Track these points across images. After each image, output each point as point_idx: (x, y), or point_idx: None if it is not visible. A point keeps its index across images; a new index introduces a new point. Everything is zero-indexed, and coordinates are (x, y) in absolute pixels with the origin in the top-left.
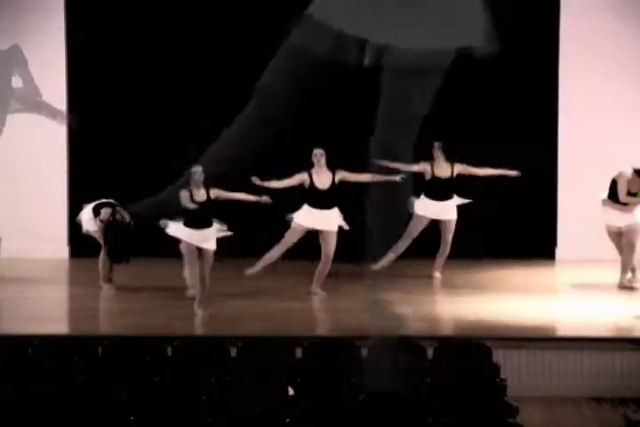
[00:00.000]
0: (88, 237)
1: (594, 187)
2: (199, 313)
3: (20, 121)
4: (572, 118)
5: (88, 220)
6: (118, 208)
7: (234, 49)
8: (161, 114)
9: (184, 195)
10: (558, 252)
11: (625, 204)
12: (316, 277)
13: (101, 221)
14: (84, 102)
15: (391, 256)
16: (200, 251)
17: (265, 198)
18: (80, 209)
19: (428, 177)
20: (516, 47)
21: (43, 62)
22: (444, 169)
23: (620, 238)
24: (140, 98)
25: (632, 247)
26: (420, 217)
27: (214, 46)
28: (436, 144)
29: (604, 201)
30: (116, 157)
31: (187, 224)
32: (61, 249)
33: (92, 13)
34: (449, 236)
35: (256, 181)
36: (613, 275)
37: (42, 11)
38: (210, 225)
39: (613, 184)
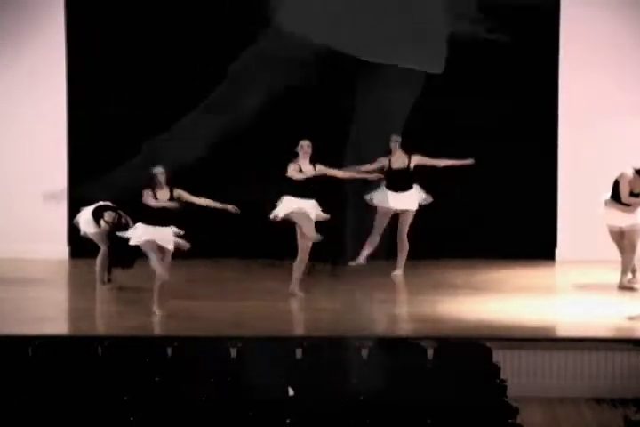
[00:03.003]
0: (87, 238)
1: (594, 187)
2: (157, 313)
3: (19, 120)
4: (572, 118)
5: (86, 222)
6: (120, 212)
7: (234, 48)
8: (161, 114)
9: (146, 194)
10: (558, 252)
11: (627, 204)
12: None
13: (106, 222)
14: (84, 102)
15: (365, 253)
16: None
17: (231, 207)
18: (78, 211)
19: (385, 169)
20: (517, 47)
21: (43, 62)
22: (400, 161)
23: (621, 239)
24: (140, 98)
25: (633, 248)
26: (382, 210)
27: (213, 45)
28: (393, 137)
29: (606, 201)
30: (117, 157)
31: (145, 222)
32: (61, 249)
33: (92, 13)
34: (404, 229)
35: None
36: (613, 275)
37: (42, 11)
38: (168, 225)
39: (616, 185)
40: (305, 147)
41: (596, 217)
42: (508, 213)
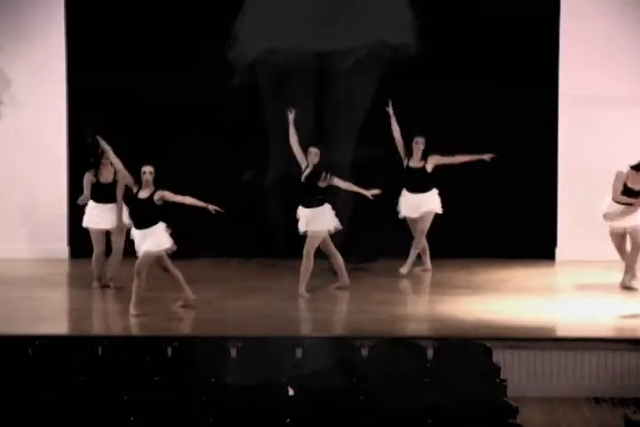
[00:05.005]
0: (88, 237)
1: (594, 187)
2: (133, 313)
3: (19, 120)
4: (572, 118)
5: (89, 217)
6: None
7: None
8: (162, 113)
9: (134, 188)
10: (558, 252)
11: (629, 203)
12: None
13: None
14: (84, 103)
15: (425, 261)
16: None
17: (212, 207)
18: (79, 209)
19: (404, 167)
20: (517, 44)
21: (43, 63)
22: (417, 161)
23: (622, 240)
24: (141, 98)
25: (638, 247)
26: (408, 219)
27: (214, 44)
28: (416, 139)
29: (609, 202)
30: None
31: (132, 224)
32: (61, 249)
33: (92, 13)
34: (422, 225)
35: (291, 112)
36: (613, 275)
37: (42, 10)
38: (151, 225)
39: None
40: (312, 154)
41: (597, 217)
42: (508, 213)
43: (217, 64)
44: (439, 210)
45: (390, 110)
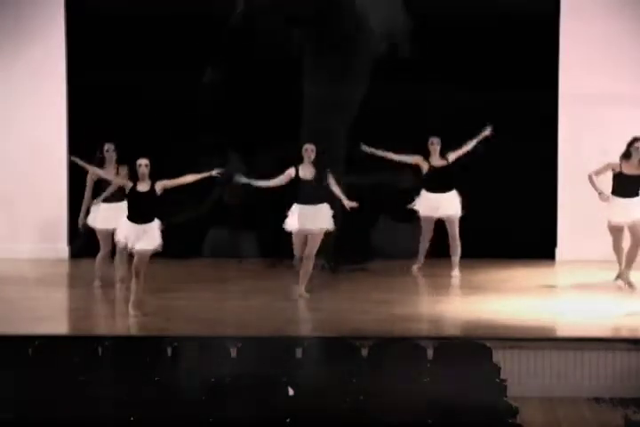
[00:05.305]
0: (88, 237)
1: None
2: (132, 314)
3: (19, 120)
4: (572, 118)
5: (93, 217)
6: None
7: (238, 45)
8: (163, 113)
9: (127, 185)
10: (558, 252)
11: (630, 198)
12: (300, 278)
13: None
14: (84, 103)
15: (420, 259)
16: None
17: (215, 172)
18: (79, 210)
19: (425, 170)
20: (517, 44)
21: (43, 63)
22: (438, 160)
23: (621, 234)
24: (142, 97)
25: (637, 244)
26: (424, 217)
27: (214, 44)
28: (435, 140)
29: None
30: (117, 157)
31: (128, 217)
32: (61, 249)
33: (92, 13)
34: (453, 232)
35: (242, 179)
36: (613, 275)
37: (42, 10)
38: (150, 220)
39: (614, 179)
40: (309, 150)
41: (597, 216)
42: (508, 212)
43: (217, 64)
44: (459, 213)
45: (367, 149)
